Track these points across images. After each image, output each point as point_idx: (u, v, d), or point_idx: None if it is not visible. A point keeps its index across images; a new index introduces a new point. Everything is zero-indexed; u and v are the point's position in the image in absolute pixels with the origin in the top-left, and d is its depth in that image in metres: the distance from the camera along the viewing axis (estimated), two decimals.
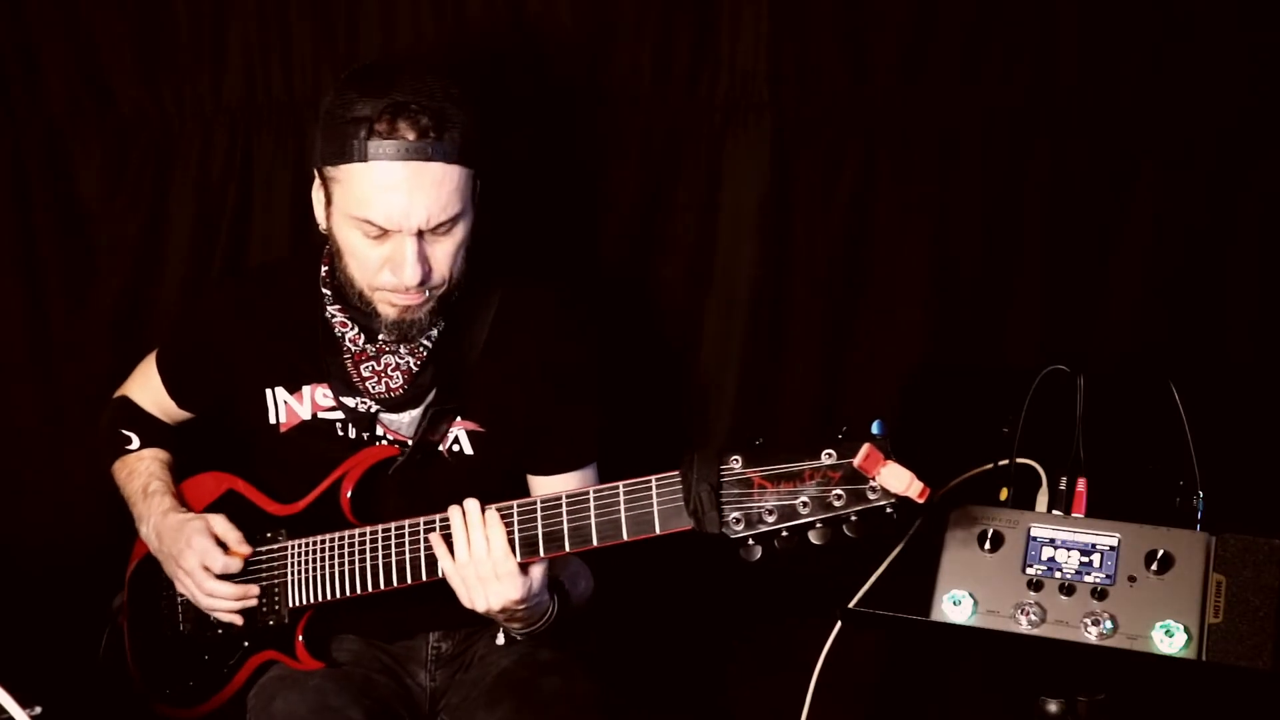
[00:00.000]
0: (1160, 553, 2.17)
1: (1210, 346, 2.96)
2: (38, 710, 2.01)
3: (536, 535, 2.27)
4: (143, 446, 2.72)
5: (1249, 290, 2.94)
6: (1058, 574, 2.21)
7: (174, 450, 2.74)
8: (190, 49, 2.99)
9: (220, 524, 2.54)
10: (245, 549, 2.53)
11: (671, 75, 2.97)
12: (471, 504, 2.31)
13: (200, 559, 2.52)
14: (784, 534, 2.07)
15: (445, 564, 2.32)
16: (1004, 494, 2.31)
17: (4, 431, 3.12)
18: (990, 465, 2.33)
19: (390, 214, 2.32)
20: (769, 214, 2.99)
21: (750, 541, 2.09)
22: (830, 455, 2.05)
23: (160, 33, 2.99)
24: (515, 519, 2.29)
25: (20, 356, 3.09)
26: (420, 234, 2.34)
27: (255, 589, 2.53)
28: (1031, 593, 2.20)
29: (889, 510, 2.02)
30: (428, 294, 2.41)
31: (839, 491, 2.03)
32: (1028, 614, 2.18)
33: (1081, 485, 2.29)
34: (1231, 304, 2.95)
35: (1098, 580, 2.19)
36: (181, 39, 2.99)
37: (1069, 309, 2.99)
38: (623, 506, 2.21)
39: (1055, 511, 2.29)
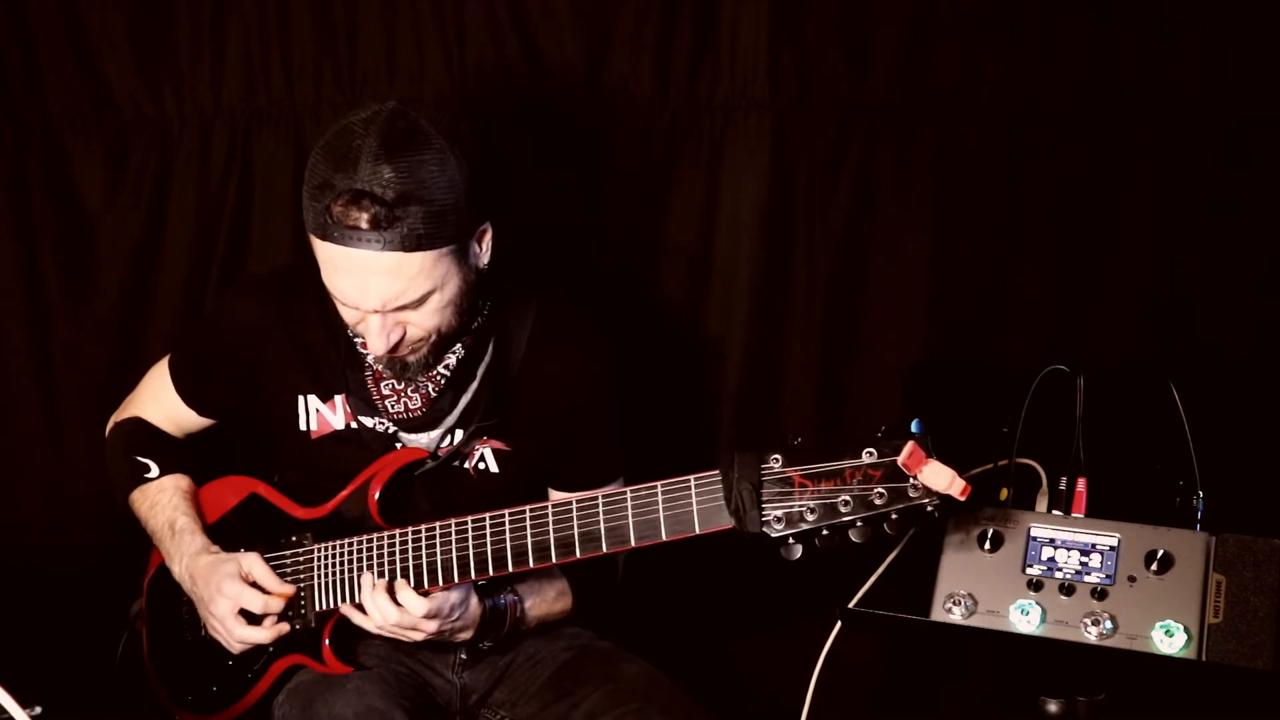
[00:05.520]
0: (1160, 553, 2.17)
1: (1210, 346, 2.96)
2: (38, 710, 2.00)
3: (572, 536, 2.27)
4: (162, 474, 2.65)
5: (1249, 290, 2.95)
6: (1058, 574, 2.21)
7: (192, 472, 2.68)
8: (190, 49, 2.99)
9: (257, 567, 2.48)
10: (287, 589, 2.48)
11: (671, 75, 2.97)
12: (368, 580, 2.39)
13: (234, 603, 2.47)
14: (824, 533, 2.07)
15: (366, 625, 2.41)
16: (1004, 494, 2.31)
17: (4, 432, 3.12)
18: (990, 465, 2.33)
19: (347, 294, 2.31)
20: (769, 214, 2.99)
21: (790, 540, 2.08)
22: (871, 454, 2.05)
23: (160, 33, 2.99)
24: (550, 520, 2.29)
25: (20, 357, 3.09)
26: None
27: (286, 627, 2.49)
28: (1031, 593, 2.20)
29: (930, 508, 2.02)
30: (412, 348, 2.38)
31: (880, 490, 2.03)
32: (1028, 614, 2.18)
33: (1081, 485, 2.29)
34: (1231, 304, 2.95)
35: (1098, 580, 2.18)
36: (181, 39, 2.99)
37: (1069, 309, 2.99)
38: (661, 506, 2.20)
39: (1055, 511, 2.29)
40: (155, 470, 2.65)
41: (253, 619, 2.49)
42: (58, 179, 3.04)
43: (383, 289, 2.28)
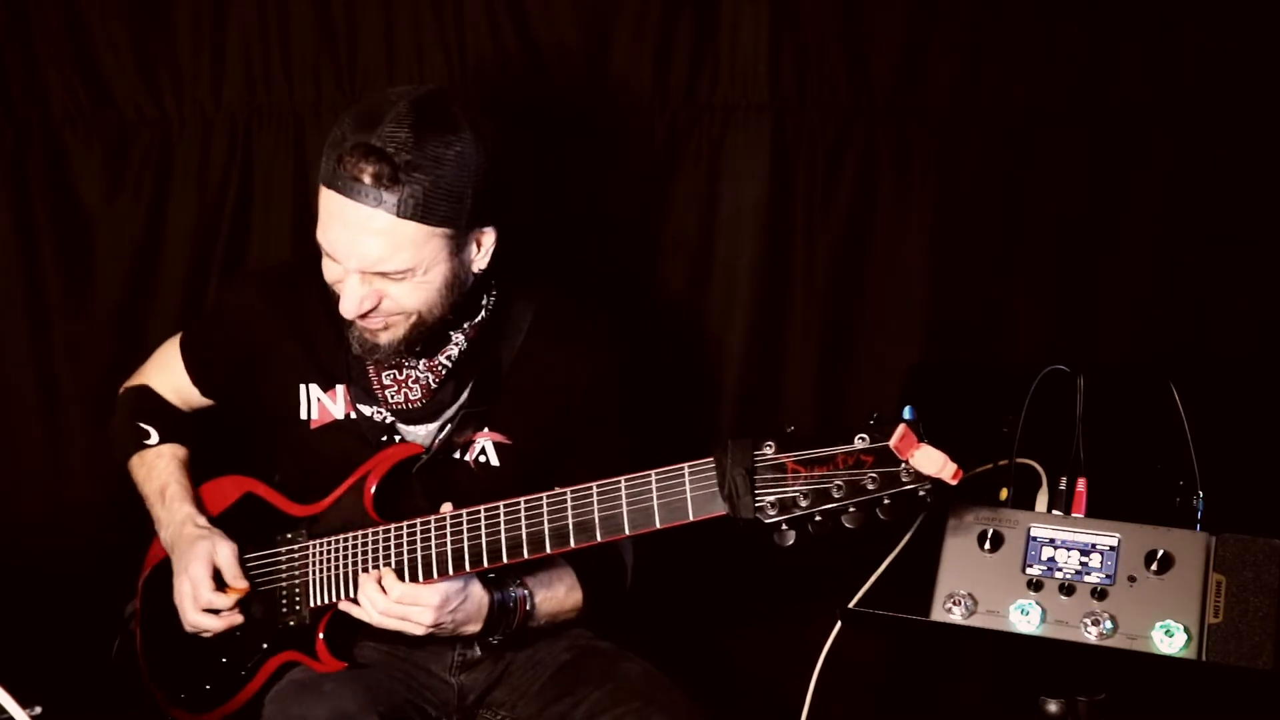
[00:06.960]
0: (1160, 553, 2.17)
1: (1210, 346, 2.96)
2: (38, 710, 2.01)
3: (567, 526, 2.27)
4: (162, 441, 2.68)
5: (1249, 290, 2.95)
6: (1058, 574, 2.21)
7: (192, 445, 2.71)
8: (190, 49, 3.00)
9: (225, 556, 2.51)
10: (242, 584, 2.51)
11: (671, 75, 2.98)
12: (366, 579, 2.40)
13: (193, 587, 2.51)
14: (817, 518, 2.08)
15: (364, 616, 2.41)
16: (1004, 494, 2.31)
17: (4, 431, 3.12)
18: (990, 465, 2.33)
19: (334, 244, 2.32)
20: (769, 214, 3.00)
21: (784, 526, 2.09)
22: (863, 439, 2.06)
23: (160, 33, 2.99)
24: (545, 510, 2.29)
25: (20, 356, 3.09)
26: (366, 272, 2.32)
27: (240, 618, 2.52)
28: (1031, 593, 2.20)
29: (922, 493, 2.03)
30: (385, 322, 2.38)
31: (873, 475, 2.04)
32: (1028, 614, 2.18)
33: (1081, 485, 2.29)
34: (1231, 304, 2.95)
35: (1098, 580, 2.19)
36: (181, 39, 2.99)
37: (1069, 309, 2.99)
38: (655, 494, 2.20)
39: (1055, 511, 2.29)
40: (155, 437, 2.68)
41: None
42: (58, 179, 3.04)
43: (370, 246, 2.29)
